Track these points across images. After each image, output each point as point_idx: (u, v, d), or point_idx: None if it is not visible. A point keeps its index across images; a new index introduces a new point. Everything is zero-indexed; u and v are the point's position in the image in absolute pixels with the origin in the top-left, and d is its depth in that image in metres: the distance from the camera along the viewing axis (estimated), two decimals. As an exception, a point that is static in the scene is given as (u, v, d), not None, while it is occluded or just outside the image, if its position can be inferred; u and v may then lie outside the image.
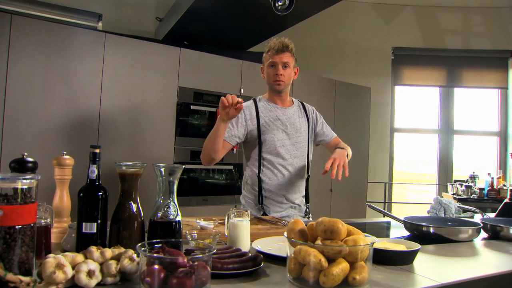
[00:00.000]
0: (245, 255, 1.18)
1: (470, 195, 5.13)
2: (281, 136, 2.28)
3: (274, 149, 2.26)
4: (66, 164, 1.40)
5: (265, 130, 2.27)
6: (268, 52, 2.29)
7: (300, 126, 2.36)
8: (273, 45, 2.26)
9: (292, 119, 2.34)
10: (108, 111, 3.45)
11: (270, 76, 2.29)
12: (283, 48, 2.24)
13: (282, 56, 2.24)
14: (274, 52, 2.25)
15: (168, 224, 1.24)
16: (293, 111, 2.38)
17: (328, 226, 1.09)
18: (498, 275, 1.29)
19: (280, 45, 2.24)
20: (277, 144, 2.26)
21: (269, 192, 2.27)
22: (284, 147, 2.28)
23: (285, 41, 2.26)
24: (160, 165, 1.23)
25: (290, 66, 2.28)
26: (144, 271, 0.94)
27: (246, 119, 2.25)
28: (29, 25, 3.14)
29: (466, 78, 6.17)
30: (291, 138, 2.30)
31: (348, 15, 5.92)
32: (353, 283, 1.04)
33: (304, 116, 2.42)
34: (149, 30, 4.90)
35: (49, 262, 0.94)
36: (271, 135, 2.26)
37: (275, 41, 2.27)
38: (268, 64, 2.28)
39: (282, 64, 2.25)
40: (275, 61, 2.25)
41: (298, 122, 2.36)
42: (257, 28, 4.41)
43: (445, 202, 2.29)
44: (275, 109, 2.33)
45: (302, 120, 2.40)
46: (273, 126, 2.28)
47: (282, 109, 2.34)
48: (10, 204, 0.97)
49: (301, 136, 2.35)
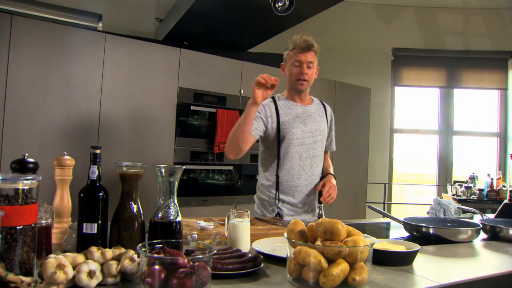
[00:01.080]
0: (245, 256, 1.18)
1: (469, 196, 5.13)
2: (300, 135, 2.23)
3: (292, 147, 2.21)
4: (67, 164, 1.41)
5: (285, 128, 2.21)
6: (293, 50, 2.21)
7: (320, 125, 2.32)
8: (298, 43, 2.19)
9: (312, 117, 2.30)
10: (108, 111, 3.45)
11: (294, 74, 2.22)
12: (309, 46, 2.18)
13: (307, 55, 2.18)
14: (300, 50, 2.18)
15: (169, 225, 1.24)
16: (313, 109, 2.33)
17: (328, 227, 1.09)
18: (497, 276, 1.29)
19: (305, 43, 2.17)
20: (295, 143, 2.21)
21: (284, 194, 2.23)
22: (303, 145, 2.23)
23: (310, 40, 2.19)
24: (160, 166, 1.23)
25: (314, 65, 2.23)
26: (144, 272, 0.95)
27: (266, 116, 2.21)
28: (30, 25, 3.15)
29: (466, 79, 6.18)
30: (310, 137, 2.26)
31: (348, 16, 5.93)
32: (353, 284, 1.05)
33: (324, 116, 2.38)
34: (149, 31, 4.90)
35: (50, 263, 0.95)
36: (291, 133, 2.21)
37: (299, 39, 2.19)
38: (292, 62, 2.21)
39: (307, 63, 2.19)
40: (300, 60, 2.18)
41: (318, 121, 2.32)
42: (257, 29, 4.42)
43: (445, 203, 2.29)
44: (295, 107, 2.28)
45: (322, 119, 2.36)
46: (293, 124, 2.23)
47: (302, 107, 2.29)
48: (11, 204, 0.97)
49: (321, 135, 2.31)
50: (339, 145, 2.69)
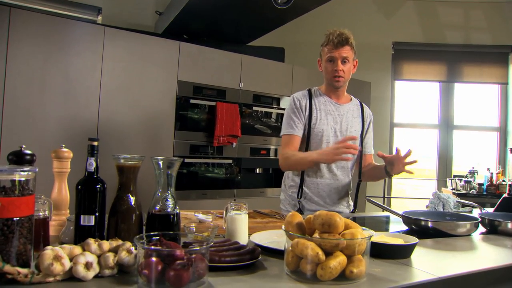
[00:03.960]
0: (243, 248, 1.18)
1: (469, 190, 5.14)
2: (329, 133, 2.17)
3: (320, 145, 2.15)
4: (65, 157, 1.40)
5: (315, 123, 2.16)
6: (327, 45, 2.14)
7: (352, 126, 2.23)
8: (332, 37, 2.11)
9: (345, 117, 2.23)
10: (107, 104, 3.45)
11: (329, 71, 2.16)
12: (343, 41, 2.10)
13: (341, 51, 2.10)
14: (333, 46, 2.10)
15: (166, 217, 1.24)
16: (348, 108, 2.25)
17: (326, 220, 1.09)
18: (495, 269, 1.29)
19: (340, 38, 2.09)
20: (323, 140, 2.16)
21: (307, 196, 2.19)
22: (330, 144, 2.15)
23: (345, 34, 2.11)
24: (158, 158, 1.23)
25: (350, 60, 2.15)
26: (141, 263, 0.95)
27: (302, 109, 2.18)
28: (28, 18, 3.13)
29: (466, 73, 6.16)
30: (340, 136, 2.18)
31: (348, 10, 5.90)
32: (351, 276, 1.04)
33: (360, 117, 2.29)
34: (148, 24, 4.88)
35: (47, 254, 0.95)
36: (320, 129, 2.16)
37: (333, 33, 2.11)
38: (327, 58, 2.15)
39: (342, 59, 2.11)
40: (334, 56, 2.11)
41: (351, 122, 2.24)
42: (257, 22, 4.39)
43: (444, 196, 2.29)
44: (329, 104, 2.22)
45: (356, 120, 2.27)
46: (324, 121, 2.17)
47: (336, 105, 2.23)
48: (8, 196, 0.97)
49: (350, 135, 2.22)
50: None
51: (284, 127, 2.22)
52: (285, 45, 5.09)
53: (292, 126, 2.18)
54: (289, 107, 2.24)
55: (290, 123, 2.19)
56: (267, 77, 4.38)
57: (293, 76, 4.54)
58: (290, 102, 2.26)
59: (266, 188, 4.39)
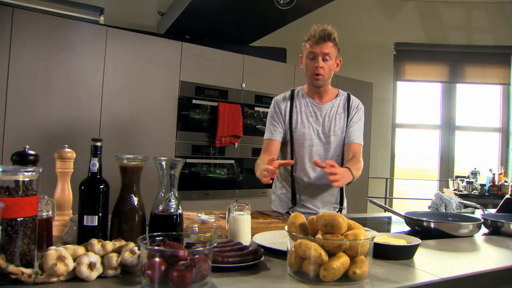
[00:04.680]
0: (246, 249, 1.18)
1: (471, 191, 5.12)
2: (312, 136, 2.11)
3: (303, 149, 2.11)
4: (68, 157, 1.41)
5: (295, 127, 2.11)
6: (308, 41, 2.04)
7: (336, 124, 2.14)
8: (313, 33, 2.01)
9: (328, 116, 2.14)
10: (110, 105, 3.45)
11: (309, 68, 2.06)
12: (325, 37, 1.99)
13: (323, 47, 2.00)
14: (315, 41, 2.00)
15: (169, 218, 1.24)
16: (330, 106, 2.16)
17: (329, 220, 1.09)
18: (498, 270, 1.29)
19: (321, 33, 1.99)
20: (306, 144, 2.11)
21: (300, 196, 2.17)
22: (313, 147, 2.11)
23: (327, 29, 2.01)
24: (161, 159, 1.23)
25: (332, 57, 2.04)
26: (145, 264, 0.95)
27: (281, 115, 2.14)
28: (31, 18, 3.14)
29: (468, 74, 6.15)
30: (322, 139, 2.12)
31: (350, 10, 5.89)
32: (353, 277, 1.05)
33: (345, 111, 2.17)
34: (151, 24, 4.89)
35: (50, 254, 0.95)
36: (301, 133, 2.11)
37: (316, 29, 2.01)
38: (307, 55, 2.05)
39: (323, 56, 2.01)
40: (315, 52, 2.00)
41: (334, 119, 2.14)
42: (259, 22, 4.40)
43: (446, 197, 2.28)
44: (311, 105, 2.14)
45: (341, 116, 2.16)
46: (306, 124, 2.11)
47: (318, 106, 2.14)
48: (12, 196, 0.97)
49: (336, 136, 2.14)
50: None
51: (265, 131, 2.20)
52: (287, 45, 5.08)
53: (271, 131, 2.15)
54: (270, 111, 2.21)
55: (270, 128, 2.16)
56: (269, 78, 4.38)
57: (295, 77, 4.54)
58: (271, 105, 2.21)
59: (268, 189, 4.38)
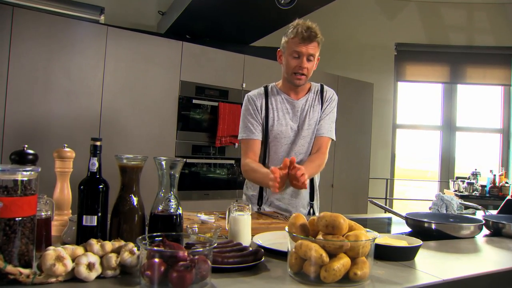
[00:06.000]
0: (246, 250, 1.17)
1: (472, 192, 5.12)
2: (289, 133, 2.06)
3: (279, 147, 2.06)
4: (67, 156, 1.40)
5: (272, 125, 2.06)
6: (293, 38, 1.93)
7: (311, 118, 2.08)
8: (300, 30, 1.91)
9: (303, 111, 2.08)
10: (110, 104, 3.44)
11: (291, 66, 1.97)
12: (312, 37, 1.91)
13: (309, 47, 1.92)
14: (301, 40, 1.91)
15: (169, 218, 1.24)
16: (305, 100, 2.09)
17: (330, 221, 1.08)
18: (499, 271, 1.29)
19: (309, 32, 1.90)
20: (283, 142, 2.06)
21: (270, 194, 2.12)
22: (291, 144, 2.07)
23: (314, 28, 1.93)
24: (161, 158, 1.22)
25: (315, 58, 1.98)
26: (144, 264, 0.94)
27: (258, 111, 2.07)
28: (31, 18, 3.13)
29: (469, 75, 6.14)
30: (300, 135, 2.07)
31: (351, 11, 5.89)
32: (354, 279, 1.04)
33: (319, 104, 2.10)
34: (151, 24, 4.89)
35: (49, 255, 0.94)
36: (278, 131, 2.05)
37: (302, 25, 1.92)
38: (292, 52, 1.95)
39: (307, 56, 1.94)
40: (300, 52, 1.93)
41: (309, 114, 2.08)
42: (260, 22, 4.39)
43: (447, 198, 2.27)
44: (286, 102, 2.08)
45: (316, 109, 2.09)
46: (282, 121, 2.06)
47: (293, 102, 2.08)
48: (10, 196, 0.96)
49: (310, 129, 2.08)
50: (341, 141, 2.66)
51: (242, 130, 2.09)
52: (288, 45, 5.07)
53: (250, 129, 2.06)
54: (245, 108, 2.12)
55: (248, 125, 2.06)
56: (269, 78, 4.29)
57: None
58: (245, 102, 2.13)
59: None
